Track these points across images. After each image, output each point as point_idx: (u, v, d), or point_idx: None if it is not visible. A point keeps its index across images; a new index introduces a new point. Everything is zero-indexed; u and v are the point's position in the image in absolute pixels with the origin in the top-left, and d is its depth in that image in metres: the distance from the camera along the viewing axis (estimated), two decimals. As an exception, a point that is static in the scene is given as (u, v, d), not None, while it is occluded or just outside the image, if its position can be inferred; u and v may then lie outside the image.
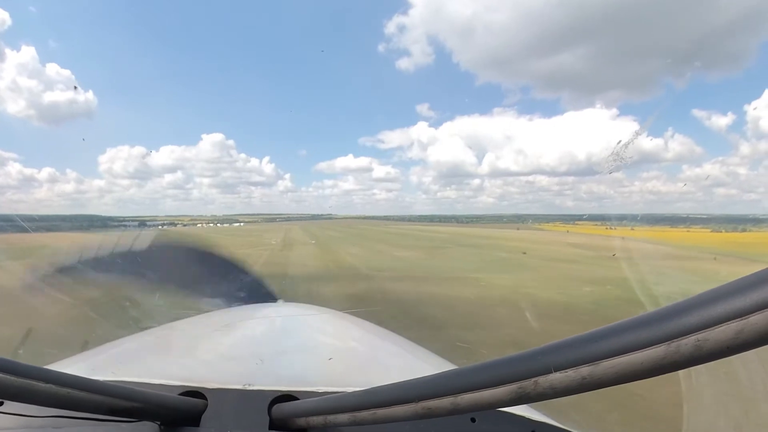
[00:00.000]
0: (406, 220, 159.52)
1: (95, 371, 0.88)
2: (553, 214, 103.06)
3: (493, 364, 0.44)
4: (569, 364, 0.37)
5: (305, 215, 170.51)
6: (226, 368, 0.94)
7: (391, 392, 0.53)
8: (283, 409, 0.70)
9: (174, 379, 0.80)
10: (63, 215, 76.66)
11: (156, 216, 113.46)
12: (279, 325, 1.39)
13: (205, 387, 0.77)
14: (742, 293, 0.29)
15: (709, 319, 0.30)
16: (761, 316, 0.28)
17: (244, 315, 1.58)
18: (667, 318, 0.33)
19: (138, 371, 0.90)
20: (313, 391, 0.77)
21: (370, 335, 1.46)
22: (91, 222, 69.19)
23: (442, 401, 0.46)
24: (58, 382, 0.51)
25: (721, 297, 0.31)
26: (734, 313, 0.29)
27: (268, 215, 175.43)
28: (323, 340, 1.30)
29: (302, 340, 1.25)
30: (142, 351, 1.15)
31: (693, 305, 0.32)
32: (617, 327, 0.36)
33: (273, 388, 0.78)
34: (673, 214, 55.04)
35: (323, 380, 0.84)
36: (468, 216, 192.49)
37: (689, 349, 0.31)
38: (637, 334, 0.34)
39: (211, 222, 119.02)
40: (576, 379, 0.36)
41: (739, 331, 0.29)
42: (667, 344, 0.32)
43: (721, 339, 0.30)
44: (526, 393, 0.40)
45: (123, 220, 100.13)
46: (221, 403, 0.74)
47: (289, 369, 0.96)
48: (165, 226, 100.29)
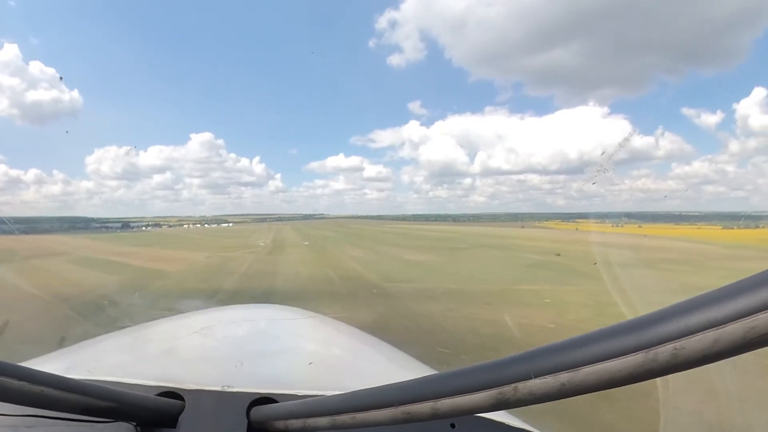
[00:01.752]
0: (400, 219, 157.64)
1: (71, 370, 0.87)
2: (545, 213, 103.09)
3: (473, 370, 0.43)
4: (549, 371, 0.36)
5: (297, 215, 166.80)
6: (204, 369, 0.92)
7: (371, 396, 0.52)
8: (261, 412, 0.69)
9: (151, 380, 0.78)
10: (46, 217, 74.67)
11: (143, 217, 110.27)
12: (260, 327, 1.35)
13: (183, 388, 0.76)
14: (719, 303, 0.30)
15: (686, 328, 0.30)
16: (738, 325, 0.28)
17: (225, 316, 1.53)
18: (645, 326, 0.33)
19: (114, 370, 0.88)
20: (292, 394, 0.76)
21: (352, 339, 1.44)
22: (73, 224, 68.65)
23: (422, 406, 0.46)
24: (31, 379, 0.50)
25: (698, 306, 0.31)
26: (711, 322, 0.29)
27: (258, 215, 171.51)
28: (304, 344, 1.27)
29: (283, 343, 1.22)
30: (119, 350, 1.13)
31: (671, 314, 0.32)
32: (596, 334, 0.36)
33: (252, 390, 0.77)
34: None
35: (303, 383, 0.84)
36: (464, 215, 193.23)
37: (666, 357, 0.31)
38: (615, 341, 0.34)
39: (198, 223, 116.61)
40: (555, 386, 0.36)
41: (715, 340, 0.29)
42: (645, 352, 0.32)
43: (698, 348, 0.30)
44: (506, 399, 0.39)
45: (106, 221, 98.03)
46: (199, 404, 0.73)
47: (269, 371, 0.94)
48: (149, 227, 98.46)
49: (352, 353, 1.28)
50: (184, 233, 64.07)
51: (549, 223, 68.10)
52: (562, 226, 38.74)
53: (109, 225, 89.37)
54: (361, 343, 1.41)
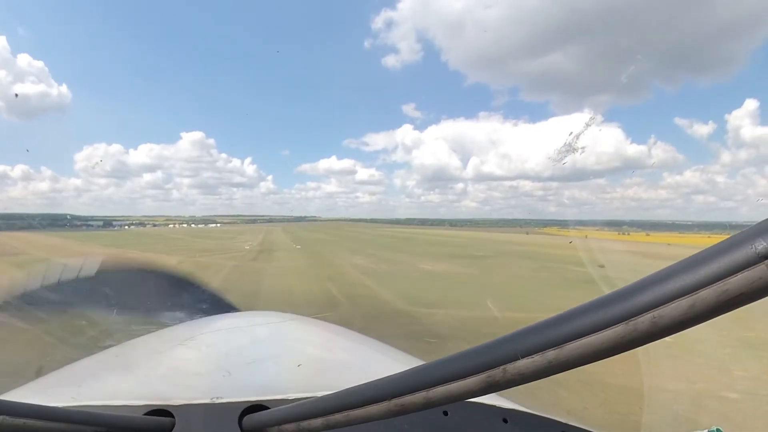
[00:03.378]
0: (393, 222, 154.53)
1: (53, 398, 0.82)
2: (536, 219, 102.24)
3: (461, 356, 0.44)
4: (535, 349, 0.37)
5: (288, 217, 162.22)
6: (192, 383, 0.89)
7: (363, 392, 0.52)
8: (254, 420, 0.68)
9: (138, 399, 0.76)
10: (25, 213, 71.14)
11: (131, 216, 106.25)
12: (244, 334, 1.32)
13: (172, 404, 0.74)
14: (692, 270, 0.31)
15: (662, 296, 0.32)
16: (710, 290, 0.30)
17: (207, 327, 1.48)
18: (624, 298, 0.34)
19: (99, 394, 0.84)
20: (283, 398, 0.76)
21: (338, 338, 1.44)
22: (54, 221, 65.11)
23: (415, 397, 0.46)
24: (11, 412, 0.48)
25: (673, 275, 0.32)
26: (686, 289, 0.31)
27: (249, 217, 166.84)
28: (291, 347, 1.26)
29: (270, 348, 1.21)
30: (102, 372, 1.08)
31: (647, 284, 0.33)
32: (578, 309, 0.37)
33: (242, 399, 0.75)
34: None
35: (293, 387, 0.83)
36: (459, 220, 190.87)
37: (646, 327, 0.32)
38: (597, 315, 0.35)
39: (185, 223, 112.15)
40: (543, 364, 0.37)
41: (690, 306, 0.30)
42: (625, 323, 0.33)
43: (675, 314, 0.31)
44: (496, 381, 0.40)
45: (89, 219, 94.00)
46: (189, 419, 0.71)
47: (258, 378, 0.93)
48: (132, 226, 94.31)
49: (340, 352, 1.27)
50: (166, 233, 60.55)
51: (547, 229, 65.45)
52: (564, 233, 35.84)
53: (91, 223, 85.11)
54: (347, 341, 1.40)
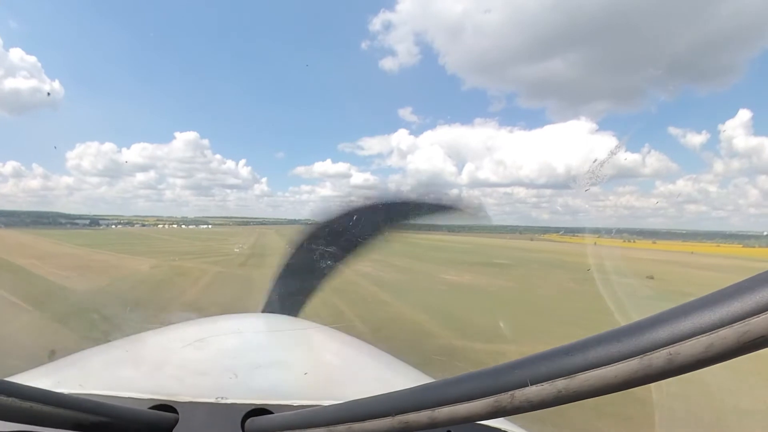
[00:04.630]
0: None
1: (61, 384, 0.84)
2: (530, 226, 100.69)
3: (469, 377, 0.44)
4: (545, 378, 0.37)
5: (281, 220, 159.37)
6: (198, 381, 0.90)
7: (367, 406, 0.52)
8: (256, 423, 0.68)
9: (144, 392, 0.77)
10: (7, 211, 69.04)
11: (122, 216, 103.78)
12: (254, 337, 1.34)
13: (177, 400, 0.75)
14: (712, 308, 0.31)
15: (680, 334, 0.31)
16: (730, 330, 0.29)
17: (218, 327, 1.47)
18: (640, 332, 0.34)
19: (106, 384, 0.85)
20: (287, 404, 0.76)
21: (347, 348, 1.43)
22: (37, 218, 63.96)
23: (419, 415, 0.45)
24: (20, 395, 0.49)
25: (691, 311, 0.32)
26: (704, 327, 0.30)
27: (242, 219, 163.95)
28: (300, 354, 1.25)
29: (278, 353, 1.21)
30: (110, 363, 1.09)
31: (664, 319, 0.33)
32: (592, 340, 0.37)
33: (247, 401, 0.76)
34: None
35: (298, 394, 0.82)
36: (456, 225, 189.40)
37: (661, 363, 0.32)
38: (611, 347, 0.35)
39: (174, 223, 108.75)
40: (552, 392, 0.37)
41: (709, 345, 0.30)
42: (640, 358, 0.33)
43: (692, 353, 0.31)
44: (503, 406, 0.40)
45: (75, 217, 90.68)
46: (193, 416, 0.72)
47: (264, 382, 0.93)
48: (119, 226, 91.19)
49: (349, 362, 1.26)
50: (153, 233, 57.93)
51: (547, 236, 63.39)
52: (569, 239, 34.05)
53: (78, 222, 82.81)
54: (357, 352, 1.39)
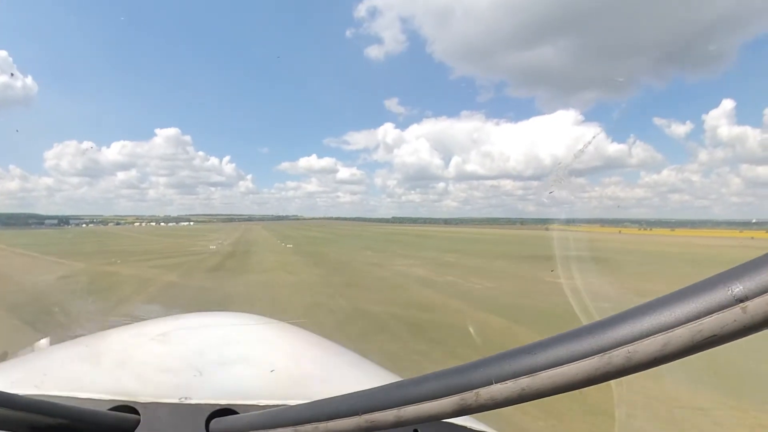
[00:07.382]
0: (377, 221, 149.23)
1: (15, 385, 0.80)
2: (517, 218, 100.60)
3: (435, 376, 0.44)
4: (509, 376, 0.38)
5: (267, 216, 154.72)
6: (160, 381, 0.87)
7: (334, 405, 0.52)
8: (221, 424, 0.67)
9: (104, 393, 0.75)
10: None
11: (103, 216, 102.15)
12: (219, 335, 1.29)
13: (138, 401, 0.73)
14: (669, 308, 0.32)
15: (638, 332, 0.32)
16: (684, 329, 0.31)
17: (182, 324, 1.41)
18: (601, 330, 0.34)
19: (64, 384, 0.81)
20: (253, 404, 0.75)
21: (314, 347, 1.40)
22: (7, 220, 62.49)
23: (386, 414, 0.46)
24: None
25: (649, 311, 0.33)
26: (661, 326, 0.32)
27: (227, 216, 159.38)
28: (266, 352, 1.22)
29: (243, 352, 1.17)
30: (69, 362, 1.04)
31: (624, 318, 0.34)
32: (554, 339, 0.37)
33: (211, 401, 0.74)
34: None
35: (264, 393, 0.82)
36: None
37: (620, 361, 0.33)
38: (572, 346, 0.35)
39: (153, 221, 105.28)
40: (516, 390, 0.38)
41: (665, 343, 0.31)
42: (600, 356, 0.34)
43: (649, 351, 0.32)
44: (468, 405, 0.40)
45: (44, 218, 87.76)
46: (155, 418, 0.70)
47: (229, 381, 0.90)
48: (90, 225, 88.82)
49: (315, 361, 1.23)
50: (123, 231, 53.43)
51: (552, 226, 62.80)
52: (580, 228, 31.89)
53: (47, 222, 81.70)
54: (324, 351, 1.36)
